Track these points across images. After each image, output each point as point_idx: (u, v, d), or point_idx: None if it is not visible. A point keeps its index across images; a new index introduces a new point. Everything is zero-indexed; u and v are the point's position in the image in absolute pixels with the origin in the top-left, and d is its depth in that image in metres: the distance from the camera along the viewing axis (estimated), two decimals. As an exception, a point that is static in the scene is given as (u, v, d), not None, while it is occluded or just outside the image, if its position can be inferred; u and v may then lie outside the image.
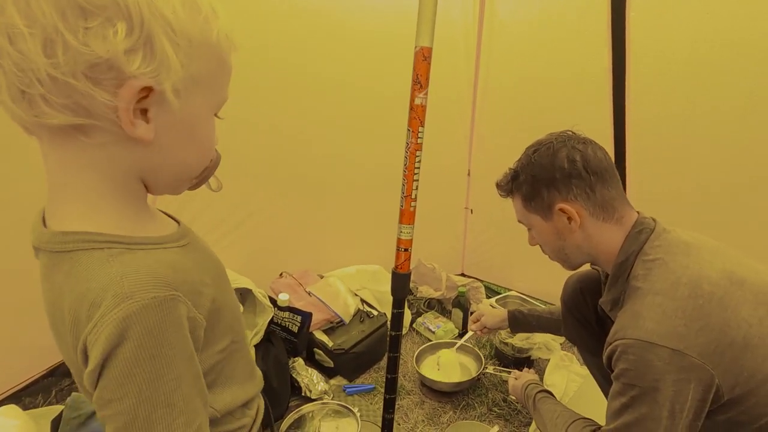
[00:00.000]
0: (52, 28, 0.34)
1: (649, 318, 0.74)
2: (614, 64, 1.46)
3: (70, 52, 0.35)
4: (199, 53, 0.41)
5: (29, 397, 1.44)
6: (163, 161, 0.45)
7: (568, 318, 1.20)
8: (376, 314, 1.84)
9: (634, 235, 0.86)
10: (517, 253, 2.19)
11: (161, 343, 0.40)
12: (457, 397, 1.61)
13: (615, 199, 0.89)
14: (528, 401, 1.15)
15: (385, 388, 1.16)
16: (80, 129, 0.39)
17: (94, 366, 0.39)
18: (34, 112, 0.37)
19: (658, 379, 0.71)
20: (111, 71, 0.37)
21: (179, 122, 0.43)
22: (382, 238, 2.16)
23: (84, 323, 0.39)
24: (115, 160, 0.42)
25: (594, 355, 1.17)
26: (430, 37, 0.86)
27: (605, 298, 0.91)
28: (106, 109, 0.38)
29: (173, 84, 0.40)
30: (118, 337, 0.38)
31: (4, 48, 0.34)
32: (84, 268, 0.41)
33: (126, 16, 0.36)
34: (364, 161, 1.98)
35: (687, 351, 0.70)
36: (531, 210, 0.96)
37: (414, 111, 0.92)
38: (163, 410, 0.41)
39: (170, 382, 0.41)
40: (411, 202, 0.99)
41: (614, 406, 0.79)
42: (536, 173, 0.92)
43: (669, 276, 0.77)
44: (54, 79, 0.35)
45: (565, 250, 0.95)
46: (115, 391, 0.39)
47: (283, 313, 1.61)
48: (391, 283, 1.06)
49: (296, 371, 1.57)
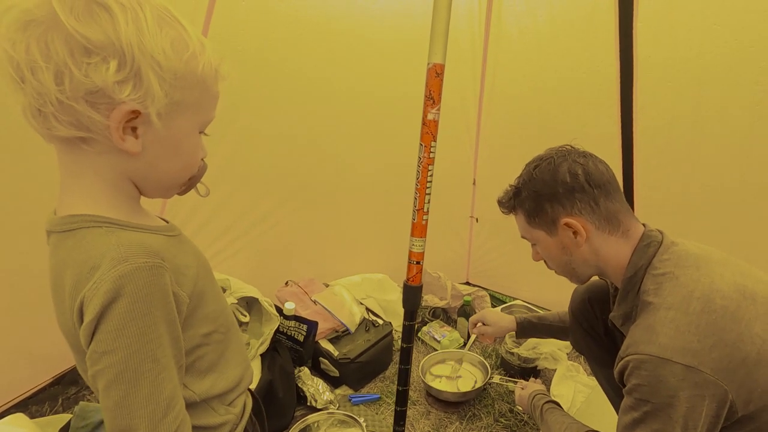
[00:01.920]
0: (63, 63, 0.44)
1: (662, 333, 0.73)
2: (622, 71, 1.46)
3: (74, 81, 0.45)
4: (183, 84, 0.50)
5: (36, 406, 1.44)
6: (150, 169, 0.54)
7: (576, 328, 1.19)
8: (381, 323, 1.83)
9: (641, 248, 0.86)
10: (522, 261, 2.17)
11: (150, 302, 0.48)
12: (463, 408, 1.60)
13: (619, 212, 0.89)
14: (535, 412, 1.14)
15: (396, 401, 1.15)
16: (83, 140, 0.49)
17: (91, 319, 0.46)
18: (47, 126, 0.47)
19: (672, 395, 0.71)
20: (105, 97, 0.46)
21: (163, 139, 0.52)
22: (387, 247, 2.17)
23: (84, 283, 0.47)
24: (109, 166, 0.51)
25: (602, 366, 1.17)
26: (442, 54, 0.87)
27: (616, 313, 0.90)
28: (101, 126, 0.47)
29: (157, 109, 0.49)
30: (114, 293, 0.46)
31: (27, 78, 0.45)
32: (86, 241, 0.49)
33: (120, 55, 0.45)
34: (369, 170, 1.98)
35: (701, 367, 0.70)
36: (535, 226, 0.95)
37: (426, 126, 0.93)
38: (150, 364, 0.48)
39: (156, 340, 0.48)
40: (423, 216, 0.99)
41: (626, 421, 0.78)
42: (538, 189, 0.91)
43: (680, 290, 0.76)
44: (61, 102, 0.45)
45: (571, 265, 0.95)
46: (109, 344, 0.47)
47: (289, 322, 1.61)
48: (402, 296, 1.07)
49: (302, 380, 1.57)
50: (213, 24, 1.42)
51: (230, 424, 0.64)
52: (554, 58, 1.70)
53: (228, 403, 0.65)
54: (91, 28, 0.44)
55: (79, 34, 0.44)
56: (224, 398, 0.64)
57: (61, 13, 0.43)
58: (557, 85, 1.72)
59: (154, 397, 0.48)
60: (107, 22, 0.45)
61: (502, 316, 1.48)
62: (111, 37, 0.45)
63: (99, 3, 0.45)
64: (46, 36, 0.44)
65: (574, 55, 1.63)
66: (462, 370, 1.74)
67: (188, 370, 0.57)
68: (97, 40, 0.44)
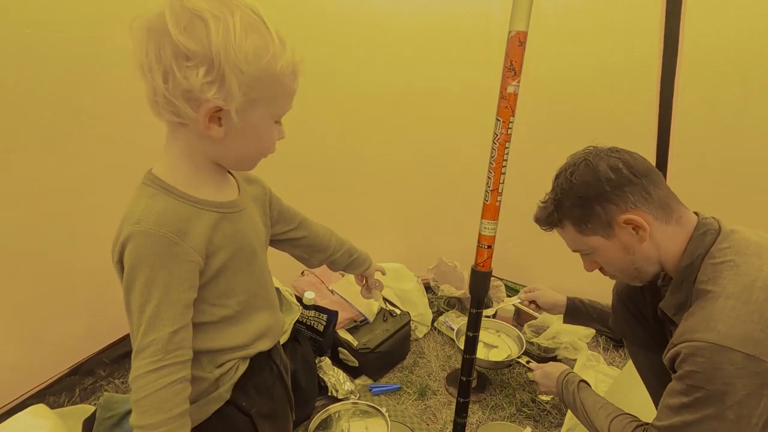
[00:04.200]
0: (169, 67, 0.55)
1: (721, 321, 0.71)
2: (665, 53, 1.39)
3: (176, 81, 0.56)
4: (260, 84, 0.59)
5: (53, 396, 1.42)
6: (228, 151, 0.65)
7: (619, 309, 1.16)
8: (399, 313, 1.82)
9: (698, 237, 0.83)
10: (538, 250, 2.16)
11: (147, 258, 0.59)
12: (485, 398, 1.59)
13: (669, 198, 0.86)
14: (569, 386, 1.10)
15: (459, 392, 1.15)
16: (181, 124, 0.61)
17: (116, 259, 0.62)
18: (157, 111, 0.60)
19: (729, 383, 0.69)
20: (195, 95, 0.57)
21: (241, 128, 0.62)
22: (403, 236, 2.14)
23: (123, 227, 0.61)
24: (196, 146, 0.64)
25: (646, 350, 1.13)
26: (526, 20, 0.81)
27: (668, 302, 0.87)
28: (192, 117, 0.59)
29: (236, 106, 0.59)
30: (124, 243, 0.60)
31: (146, 76, 0.57)
32: (137, 194, 0.63)
33: (209, 62, 0.55)
34: (386, 159, 1.95)
35: (763, 356, 0.68)
36: (588, 233, 0.90)
37: (506, 100, 0.88)
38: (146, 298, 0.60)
39: (158, 288, 0.60)
40: (497, 197, 0.94)
41: (672, 403, 0.76)
42: (584, 193, 0.86)
43: (742, 279, 0.74)
44: (165, 96, 0.57)
45: (635, 264, 0.90)
46: (125, 280, 0.61)
47: (309, 311, 1.59)
48: (470, 281, 1.03)
49: (323, 371, 1.55)
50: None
51: (207, 381, 0.70)
52: (591, 40, 1.64)
53: (217, 365, 0.71)
54: (190, 38, 0.54)
55: (181, 44, 0.54)
56: (215, 357, 0.71)
57: (171, 25, 0.53)
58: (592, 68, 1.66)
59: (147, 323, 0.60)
60: (202, 33, 0.54)
61: (555, 292, 1.45)
62: (204, 46, 0.54)
63: (199, 16, 0.54)
64: (160, 43, 0.55)
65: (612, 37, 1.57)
66: (500, 341, 1.74)
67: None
68: (193, 48, 0.54)
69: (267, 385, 0.81)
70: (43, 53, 1.16)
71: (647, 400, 1.19)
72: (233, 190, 0.73)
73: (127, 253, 0.59)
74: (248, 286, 0.73)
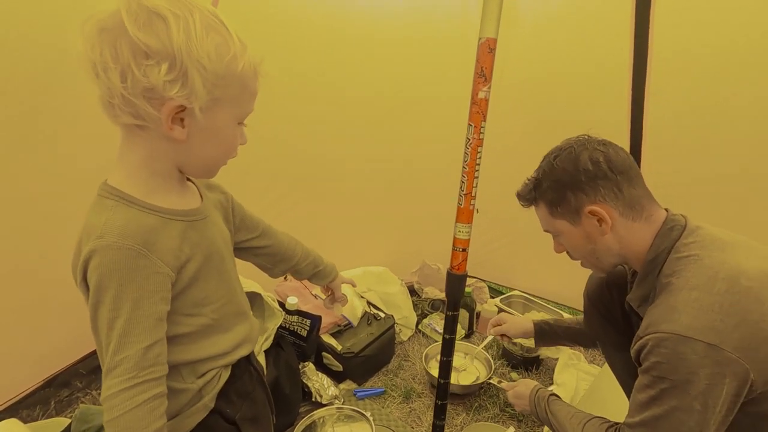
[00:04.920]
0: (127, 65, 0.53)
1: (685, 312, 0.74)
2: (635, 62, 1.45)
3: (135, 80, 0.53)
4: (223, 83, 0.58)
5: (26, 410, 1.37)
6: (192, 154, 0.63)
7: (591, 312, 1.19)
8: (383, 316, 1.82)
9: (665, 232, 0.86)
10: (520, 252, 2.20)
11: (113, 273, 0.56)
12: (469, 399, 1.60)
13: (642, 198, 0.89)
14: (540, 403, 1.12)
15: (437, 394, 1.15)
16: (139, 127, 0.58)
17: (81, 278, 0.60)
18: (113, 114, 0.57)
19: (692, 372, 0.71)
20: (157, 94, 0.55)
21: (205, 129, 0.60)
22: (387, 240, 2.15)
23: (83, 244, 0.58)
24: (157, 150, 0.61)
25: (618, 350, 1.16)
26: (495, 27, 0.83)
27: (634, 295, 0.90)
28: (154, 117, 0.56)
29: (200, 104, 0.57)
30: (87, 260, 0.57)
31: (100, 75, 0.54)
32: (95, 210, 0.60)
33: (171, 59, 0.54)
34: (369, 164, 1.95)
35: (723, 345, 0.70)
36: (558, 216, 0.94)
37: (477, 105, 0.90)
38: (114, 313, 0.57)
39: (127, 303, 0.57)
40: (471, 200, 0.96)
41: (641, 399, 0.78)
42: (560, 178, 0.90)
43: (705, 271, 0.77)
44: (124, 96, 0.54)
45: (596, 254, 0.94)
46: (92, 296, 0.58)
47: (292, 317, 1.58)
48: (446, 285, 1.04)
49: (307, 376, 1.54)
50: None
51: (191, 392, 0.68)
52: (565, 47, 1.69)
53: (199, 375, 0.69)
54: (150, 36, 0.53)
55: (140, 41, 0.52)
56: (195, 368, 0.69)
57: (128, 23, 0.52)
58: (567, 74, 1.71)
59: (117, 340, 0.58)
60: (162, 31, 0.53)
61: (521, 319, 1.47)
62: (165, 43, 0.53)
63: (157, 14, 0.53)
64: (116, 42, 0.53)
65: (586, 44, 1.62)
66: (467, 363, 1.74)
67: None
68: (154, 46, 0.53)
69: (248, 390, 0.80)
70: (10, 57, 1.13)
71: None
72: (195, 198, 0.71)
73: (92, 270, 0.56)
74: (221, 293, 0.71)
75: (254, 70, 0.62)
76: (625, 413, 0.85)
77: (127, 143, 0.61)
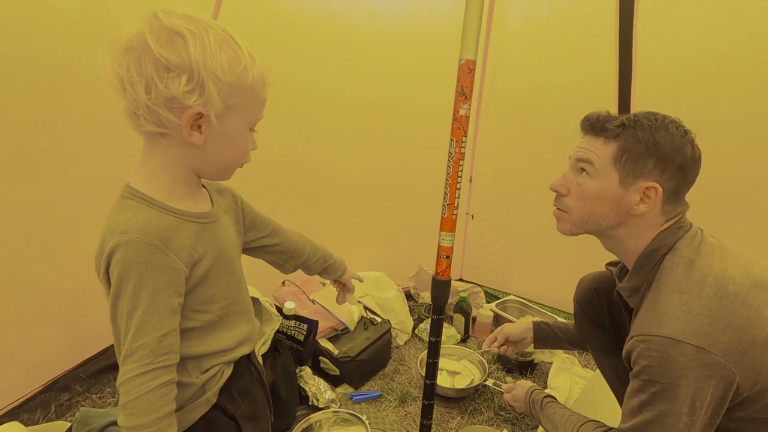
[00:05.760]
0: (151, 78, 0.59)
1: (674, 316, 0.76)
2: (620, 71, 1.49)
3: (158, 91, 0.60)
4: (235, 92, 0.64)
5: (27, 414, 1.39)
6: (208, 158, 0.69)
7: (581, 317, 1.21)
8: (379, 321, 1.84)
9: (673, 229, 0.87)
10: (515, 257, 2.23)
11: (135, 266, 0.61)
12: (463, 402, 1.62)
13: (681, 204, 0.89)
14: (535, 406, 1.14)
15: (424, 394, 1.18)
16: (161, 134, 0.64)
17: (104, 270, 0.64)
18: (138, 124, 0.63)
19: (680, 375, 0.73)
20: (178, 103, 0.61)
21: (220, 134, 0.66)
22: (384, 245, 2.18)
23: (106, 240, 0.63)
24: (177, 155, 0.67)
25: (607, 354, 1.19)
26: (474, 49, 0.88)
27: (625, 285, 0.91)
28: (175, 125, 0.63)
29: (215, 111, 0.63)
30: (111, 253, 0.62)
31: (127, 89, 0.60)
32: (118, 210, 0.65)
33: (189, 72, 0.60)
34: (366, 169, 1.99)
35: (710, 348, 0.72)
36: (619, 165, 0.85)
37: (458, 121, 0.95)
38: (133, 304, 0.62)
39: (146, 294, 0.62)
40: (453, 210, 1.00)
41: (633, 404, 0.80)
42: (660, 142, 0.83)
43: (695, 275, 0.79)
44: (148, 107, 0.61)
45: (594, 214, 0.90)
46: (113, 288, 0.63)
47: (289, 321, 1.60)
48: (431, 290, 1.08)
49: (303, 380, 1.56)
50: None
51: (195, 386, 0.72)
52: (554, 56, 1.73)
53: (203, 371, 0.73)
54: (170, 52, 0.59)
55: (162, 57, 0.59)
56: (200, 362, 0.73)
57: (151, 41, 0.58)
58: (556, 83, 1.75)
59: (135, 328, 0.62)
60: (181, 47, 0.59)
61: (519, 323, 1.44)
62: (184, 58, 0.59)
63: (176, 32, 0.59)
64: (140, 58, 0.59)
65: (573, 54, 1.66)
66: (461, 366, 1.76)
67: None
68: (174, 60, 0.59)
69: (248, 388, 0.84)
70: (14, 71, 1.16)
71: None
72: (207, 202, 0.77)
73: (115, 263, 0.61)
74: (228, 292, 0.76)
75: (263, 79, 0.68)
76: (616, 416, 0.87)
77: (150, 150, 0.67)
